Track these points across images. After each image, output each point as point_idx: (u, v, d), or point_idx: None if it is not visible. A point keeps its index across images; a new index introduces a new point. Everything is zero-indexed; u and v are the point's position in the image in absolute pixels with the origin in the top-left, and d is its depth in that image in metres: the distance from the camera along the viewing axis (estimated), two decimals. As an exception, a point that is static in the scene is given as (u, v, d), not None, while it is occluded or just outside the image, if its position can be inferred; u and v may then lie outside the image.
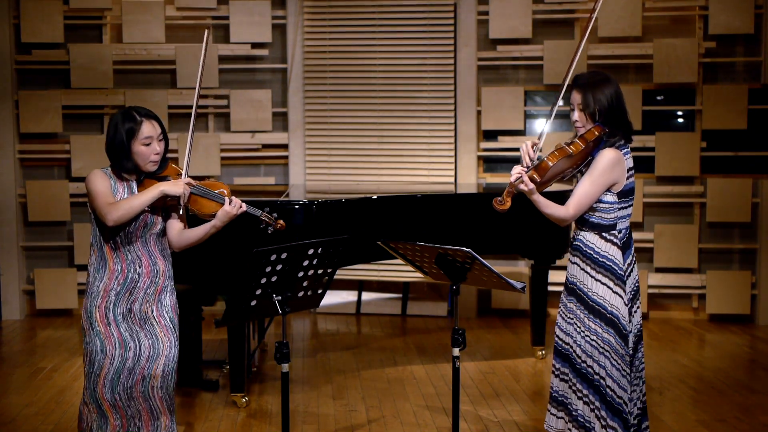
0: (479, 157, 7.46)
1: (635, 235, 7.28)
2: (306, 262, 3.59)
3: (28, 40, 7.35)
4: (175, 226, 3.65)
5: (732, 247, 7.31)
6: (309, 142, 7.51)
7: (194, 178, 3.64)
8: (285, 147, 7.58)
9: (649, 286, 7.28)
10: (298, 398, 5.30)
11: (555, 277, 7.17)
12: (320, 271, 3.68)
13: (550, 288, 6.64)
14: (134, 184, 3.59)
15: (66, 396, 5.35)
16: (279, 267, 3.51)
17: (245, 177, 7.56)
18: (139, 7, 7.35)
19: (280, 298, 3.59)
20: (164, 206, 3.59)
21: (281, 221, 3.68)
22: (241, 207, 3.60)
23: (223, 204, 3.59)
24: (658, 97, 7.41)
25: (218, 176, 7.47)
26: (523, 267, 7.37)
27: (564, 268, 7.22)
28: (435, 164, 7.44)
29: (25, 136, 7.42)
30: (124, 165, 3.54)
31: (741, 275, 7.21)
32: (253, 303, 3.57)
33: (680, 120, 7.44)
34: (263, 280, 3.51)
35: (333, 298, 7.57)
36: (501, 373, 5.81)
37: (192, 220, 3.68)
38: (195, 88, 3.96)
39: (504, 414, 5.02)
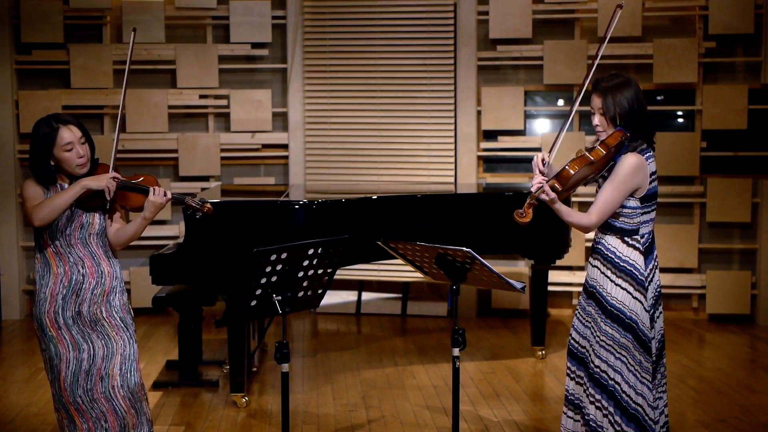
0: (479, 157, 7.46)
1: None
2: (306, 262, 3.59)
3: (28, 40, 7.35)
4: (112, 226, 3.67)
5: (732, 247, 7.31)
6: (309, 142, 7.51)
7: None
8: (285, 147, 7.58)
9: (649, 286, 7.28)
10: (298, 398, 5.30)
11: (555, 277, 7.17)
12: (320, 271, 3.68)
13: (550, 288, 6.64)
14: (66, 186, 3.59)
15: (66, 396, 5.34)
16: (279, 267, 3.51)
17: (245, 177, 7.56)
18: (139, 7, 7.35)
19: (280, 298, 3.59)
20: (95, 204, 3.59)
21: (208, 204, 3.68)
22: (165, 195, 3.62)
23: (147, 195, 3.60)
24: (658, 97, 7.40)
25: (218, 176, 7.48)
26: (523, 267, 7.37)
27: (564, 268, 7.27)
28: (435, 164, 7.43)
29: (25, 136, 7.42)
30: (41, 174, 3.55)
31: (741, 275, 7.21)
32: (253, 303, 3.57)
33: (680, 120, 7.43)
34: (263, 280, 3.51)
35: (333, 298, 7.57)
36: (501, 373, 5.81)
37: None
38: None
39: (504, 414, 5.02)
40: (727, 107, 7.14)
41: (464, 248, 3.62)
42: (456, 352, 3.77)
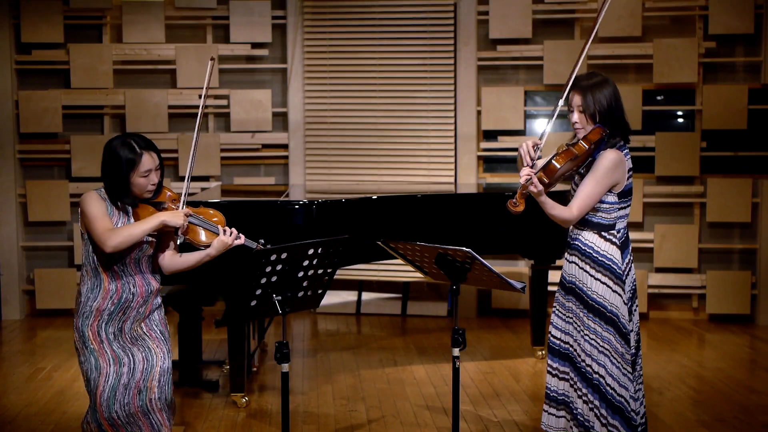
0: (479, 157, 7.46)
1: (635, 235, 7.28)
2: (306, 262, 3.59)
3: (28, 40, 7.35)
4: (167, 251, 3.65)
5: (732, 247, 7.31)
6: (309, 142, 7.51)
7: (190, 203, 3.63)
8: (285, 147, 7.58)
9: (649, 286, 7.28)
10: (298, 398, 5.30)
11: (555, 277, 7.16)
12: (320, 271, 3.68)
13: (550, 288, 6.61)
14: (129, 208, 3.58)
15: (66, 396, 5.35)
16: (279, 267, 3.51)
17: (245, 177, 7.56)
18: (139, 7, 7.35)
19: (280, 298, 3.59)
20: (160, 233, 3.58)
21: None
22: (238, 238, 3.60)
23: (217, 234, 3.59)
24: (658, 97, 7.41)
25: (218, 176, 7.48)
26: (523, 267, 7.37)
27: (564, 268, 7.24)
28: (435, 164, 7.44)
29: (25, 136, 7.42)
30: (120, 197, 3.52)
31: (741, 275, 7.21)
32: (253, 303, 3.57)
33: (680, 120, 7.43)
34: (263, 280, 3.51)
35: (333, 298, 7.57)
36: (501, 373, 5.81)
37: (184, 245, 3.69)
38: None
39: (504, 414, 5.02)
40: (727, 107, 7.14)
41: (464, 248, 3.62)
42: (456, 352, 3.77)
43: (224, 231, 3.59)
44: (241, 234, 3.62)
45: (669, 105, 7.42)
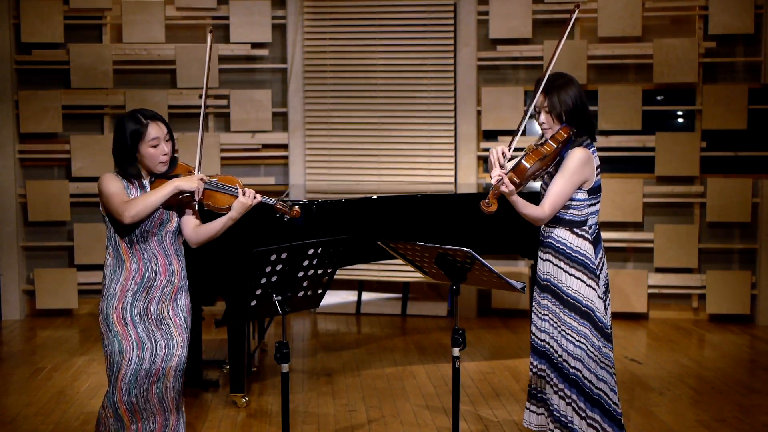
0: (479, 157, 7.46)
1: (635, 236, 7.29)
2: (306, 262, 3.59)
3: (28, 40, 7.35)
4: (190, 222, 3.68)
5: (732, 247, 7.31)
6: (309, 142, 7.51)
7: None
8: (285, 147, 7.58)
9: (649, 286, 7.28)
10: (298, 398, 5.30)
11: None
12: (320, 271, 3.69)
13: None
14: (146, 183, 3.61)
15: (66, 396, 5.35)
16: (279, 267, 3.51)
17: (245, 177, 7.55)
18: (139, 7, 7.35)
19: (280, 298, 3.59)
20: (178, 203, 3.63)
21: (297, 208, 3.71)
22: (255, 197, 3.64)
23: (236, 196, 3.62)
24: (658, 97, 7.41)
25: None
26: (523, 267, 7.37)
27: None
28: (435, 164, 7.44)
29: (25, 136, 7.42)
30: (128, 170, 3.56)
31: (741, 275, 7.21)
32: (253, 303, 3.57)
33: (680, 120, 7.43)
34: (263, 280, 3.51)
35: (333, 298, 7.57)
36: (501, 373, 5.82)
37: (206, 216, 3.73)
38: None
39: (504, 414, 5.02)
40: (727, 107, 7.14)
41: (464, 248, 3.63)
42: (456, 352, 3.78)
43: (243, 192, 3.62)
44: (257, 194, 3.65)
45: (669, 105, 7.42)
